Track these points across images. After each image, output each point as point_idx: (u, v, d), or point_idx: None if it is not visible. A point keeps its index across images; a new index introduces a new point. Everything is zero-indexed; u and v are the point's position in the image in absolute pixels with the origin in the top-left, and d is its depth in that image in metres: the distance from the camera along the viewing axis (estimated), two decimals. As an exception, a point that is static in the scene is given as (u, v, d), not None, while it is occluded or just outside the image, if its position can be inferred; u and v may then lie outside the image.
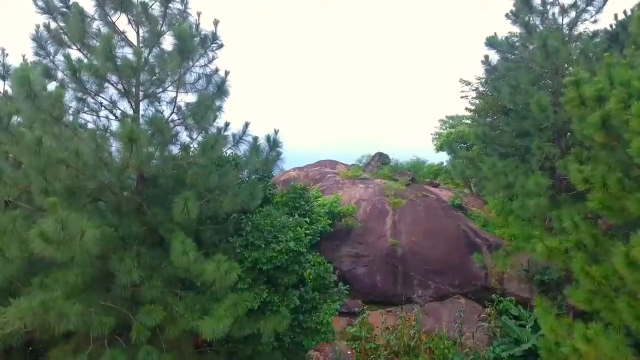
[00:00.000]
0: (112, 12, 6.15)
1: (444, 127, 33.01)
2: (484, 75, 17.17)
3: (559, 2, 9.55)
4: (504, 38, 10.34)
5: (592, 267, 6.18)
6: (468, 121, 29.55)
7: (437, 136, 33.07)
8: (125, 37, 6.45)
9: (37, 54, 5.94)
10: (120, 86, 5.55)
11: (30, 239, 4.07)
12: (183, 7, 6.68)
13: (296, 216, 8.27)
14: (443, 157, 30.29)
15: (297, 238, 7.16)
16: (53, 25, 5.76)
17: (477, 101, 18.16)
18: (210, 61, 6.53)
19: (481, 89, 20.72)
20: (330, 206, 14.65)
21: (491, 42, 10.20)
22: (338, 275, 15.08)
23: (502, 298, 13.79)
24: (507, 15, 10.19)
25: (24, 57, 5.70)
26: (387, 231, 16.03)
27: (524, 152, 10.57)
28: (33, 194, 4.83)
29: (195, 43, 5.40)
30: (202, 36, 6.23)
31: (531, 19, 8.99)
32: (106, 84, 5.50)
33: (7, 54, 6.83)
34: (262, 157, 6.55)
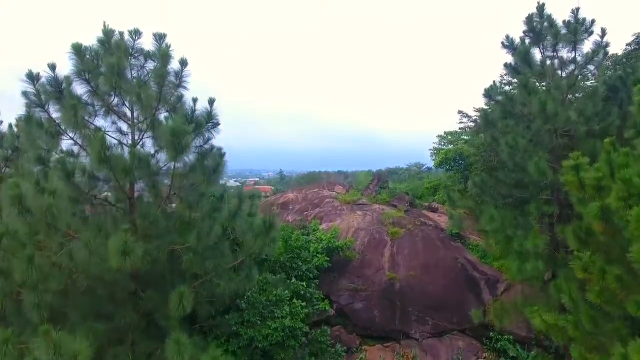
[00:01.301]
0: (107, 96, 6.09)
1: (442, 143, 33.09)
2: (486, 104, 17.25)
3: (557, 55, 9.52)
4: (502, 88, 10.28)
5: (591, 354, 6.15)
6: (466, 137, 29.62)
7: (435, 152, 33.16)
8: (120, 116, 6.39)
9: (29, 141, 5.85)
10: (112, 183, 5.48)
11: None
12: (177, 81, 6.63)
13: (293, 279, 8.20)
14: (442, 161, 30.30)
15: (293, 312, 7.10)
16: (44, 116, 5.68)
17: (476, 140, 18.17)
18: (205, 142, 6.47)
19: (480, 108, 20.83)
20: (328, 242, 14.59)
21: (490, 94, 10.15)
22: (336, 309, 15.08)
23: (500, 336, 13.76)
24: (505, 66, 10.17)
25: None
26: (385, 264, 15.99)
27: (522, 202, 10.53)
28: (24, 306, 4.77)
29: (189, 139, 5.30)
30: (198, 121, 6.16)
31: (530, 78, 8.94)
32: (100, 181, 5.44)
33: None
34: (263, 238, 6.48)
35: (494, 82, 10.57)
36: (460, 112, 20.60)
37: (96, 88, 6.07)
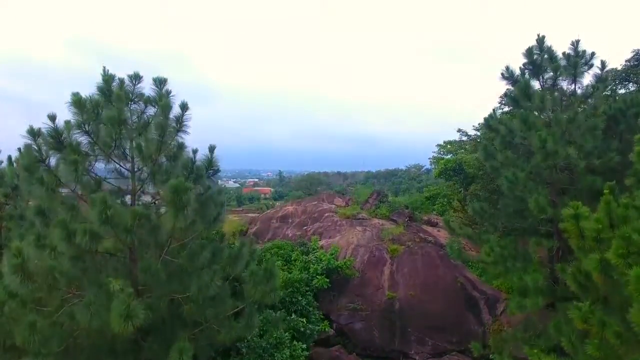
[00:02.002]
0: (107, 148, 6.10)
1: (442, 152, 33.11)
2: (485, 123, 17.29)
3: (558, 87, 9.53)
4: (502, 118, 10.30)
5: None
6: (467, 147, 29.63)
7: (435, 161, 33.18)
8: (121, 164, 6.41)
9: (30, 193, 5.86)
10: (113, 237, 5.49)
11: None
12: (178, 125, 6.64)
13: (293, 315, 8.21)
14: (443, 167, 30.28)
15: (294, 355, 7.12)
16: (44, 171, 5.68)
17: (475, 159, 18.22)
18: (206, 190, 6.47)
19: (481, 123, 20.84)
20: (328, 263, 14.60)
21: (490, 124, 10.17)
22: (336, 329, 15.10)
23: (500, 357, 13.77)
24: (506, 95, 10.18)
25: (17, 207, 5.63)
26: (385, 282, 16.01)
27: (522, 231, 10.56)
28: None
29: (190, 196, 5.30)
30: (198, 171, 6.17)
31: (530, 113, 8.96)
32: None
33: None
34: (263, 287, 6.49)
35: (493, 110, 10.59)
36: (459, 130, 20.62)
37: (96, 139, 6.06)
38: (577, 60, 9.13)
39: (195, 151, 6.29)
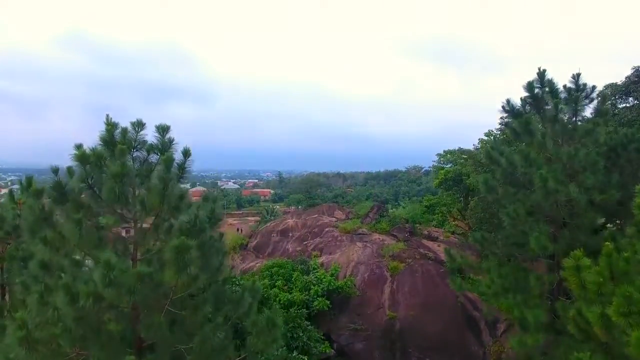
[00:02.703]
0: (110, 202, 6.11)
1: (442, 161, 33.16)
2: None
3: (559, 120, 9.54)
4: (503, 149, 10.32)
5: None
6: (466, 156, 29.70)
7: (435, 170, 33.21)
8: (123, 216, 6.43)
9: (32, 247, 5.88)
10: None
11: None
12: (180, 172, 6.65)
13: (295, 353, 8.24)
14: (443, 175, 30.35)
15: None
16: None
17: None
18: (209, 239, 6.48)
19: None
20: (328, 284, 14.63)
21: (490, 157, 10.19)
22: (336, 349, 15.14)
23: (500, 379, 13.85)
24: (507, 126, 10.20)
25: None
26: (385, 302, 16.06)
27: (522, 261, 10.58)
28: None
29: (193, 255, 5.32)
30: (201, 226, 6.19)
31: (531, 148, 8.98)
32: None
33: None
34: (265, 337, 6.52)
35: (494, 138, 10.58)
36: (459, 149, 20.65)
37: (99, 192, 6.07)
38: (578, 95, 9.15)
39: (199, 208, 6.29)
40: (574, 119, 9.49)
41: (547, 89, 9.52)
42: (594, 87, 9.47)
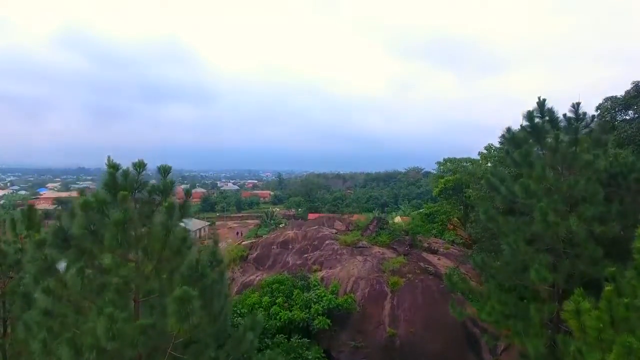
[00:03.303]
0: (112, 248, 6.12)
1: (442, 169, 33.18)
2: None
3: (559, 150, 9.56)
4: (503, 175, 10.35)
5: None
6: (467, 164, 29.72)
7: (435, 179, 33.23)
8: (125, 260, 6.44)
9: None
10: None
11: None
12: (181, 213, 6.67)
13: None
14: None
15: None
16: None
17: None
18: (212, 282, 6.52)
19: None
20: (328, 303, 14.66)
21: (492, 184, 10.22)
22: (337, 366, 15.19)
23: (500, 398, 13.89)
24: (507, 153, 10.24)
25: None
26: (386, 318, 16.09)
27: (523, 288, 10.62)
28: None
29: (196, 305, 5.35)
30: (203, 272, 6.23)
31: (531, 180, 9.01)
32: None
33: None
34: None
35: (496, 167, 10.60)
36: (457, 159, 20.63)
37: (101, 238, 6.10)
38: (578, 125, 9.19)
39: (198, 261, 6.33)
40: (574, 148, 9.52)
41: (547, 118, 9.56)
42: (593, 117, 9.52)
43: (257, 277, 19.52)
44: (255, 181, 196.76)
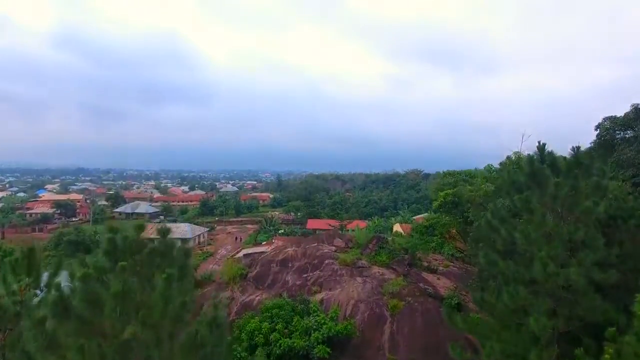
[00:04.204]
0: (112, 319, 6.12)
1: (442, 184, 33.20)
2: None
3: (559, 197, 9.55)
4: (504, 216, 10.35)
5: None
6: (464, 183, 29.76)
7: (435, 192, 33.24)
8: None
9: None
10: None
11: None
12: (181, 273, 6.66)
13: None
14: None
15: None
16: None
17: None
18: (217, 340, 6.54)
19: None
20: (328, 331, 14.67)
21: (491, 225, 10.21)
22: (337, 393, 15.22)
23: None
24: (508, 194, 10.24)
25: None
26: (385, 343, 16.10)
27: (522, 326, 10.61)
28: None
29: None
30: (202, 340, 6.23)
31: (532, 227, 9.02)
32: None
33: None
34: None
35: (497, 204, 10.63)
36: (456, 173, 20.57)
37: (102, 306, 6.10)
38: (578, 173, 9.19)
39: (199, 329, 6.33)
40: (574, 192, 9.51)
41: (547, 163, 9.56)
42: (592, 161, 9.52)
43: (257, 297, 19.53)
44: (255, 182, 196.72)
